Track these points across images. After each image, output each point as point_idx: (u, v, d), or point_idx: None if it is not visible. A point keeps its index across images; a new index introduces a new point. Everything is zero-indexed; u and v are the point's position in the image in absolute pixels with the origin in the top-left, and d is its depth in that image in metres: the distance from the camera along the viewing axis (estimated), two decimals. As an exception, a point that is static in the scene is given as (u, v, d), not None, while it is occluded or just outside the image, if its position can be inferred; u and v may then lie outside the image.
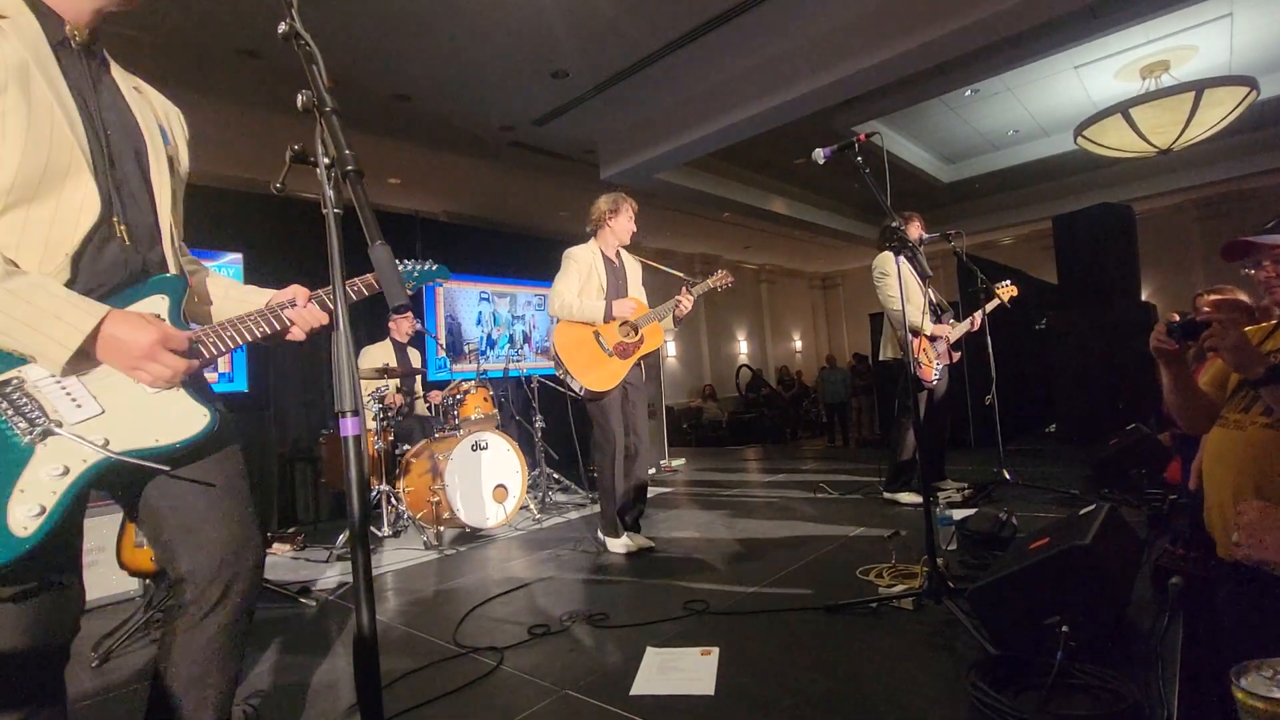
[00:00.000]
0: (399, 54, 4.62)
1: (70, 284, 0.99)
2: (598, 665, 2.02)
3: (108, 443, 0.98)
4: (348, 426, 0.82)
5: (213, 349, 1.12)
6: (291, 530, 4.22)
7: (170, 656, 1.14)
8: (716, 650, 2.02)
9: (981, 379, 4.48)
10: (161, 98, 1.25)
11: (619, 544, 3.30)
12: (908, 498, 3.94)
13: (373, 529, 3.95)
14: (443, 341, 6.16)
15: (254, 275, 4.69)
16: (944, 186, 8.99)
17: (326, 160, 0.84)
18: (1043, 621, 1.69)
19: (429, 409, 4.70)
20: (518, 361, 5.75)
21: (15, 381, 0.95)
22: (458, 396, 4.38)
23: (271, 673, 2.15)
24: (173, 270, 1.15)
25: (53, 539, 0.93)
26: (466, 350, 6.01)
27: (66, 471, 0.95)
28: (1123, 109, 5.88)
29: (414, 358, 4.88)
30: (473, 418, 4.34)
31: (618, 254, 3.55)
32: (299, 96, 0.84)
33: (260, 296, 1.29)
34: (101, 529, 3.10)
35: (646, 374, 6.44)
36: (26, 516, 0.90)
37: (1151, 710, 1.44)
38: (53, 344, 0.92)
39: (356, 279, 1.24)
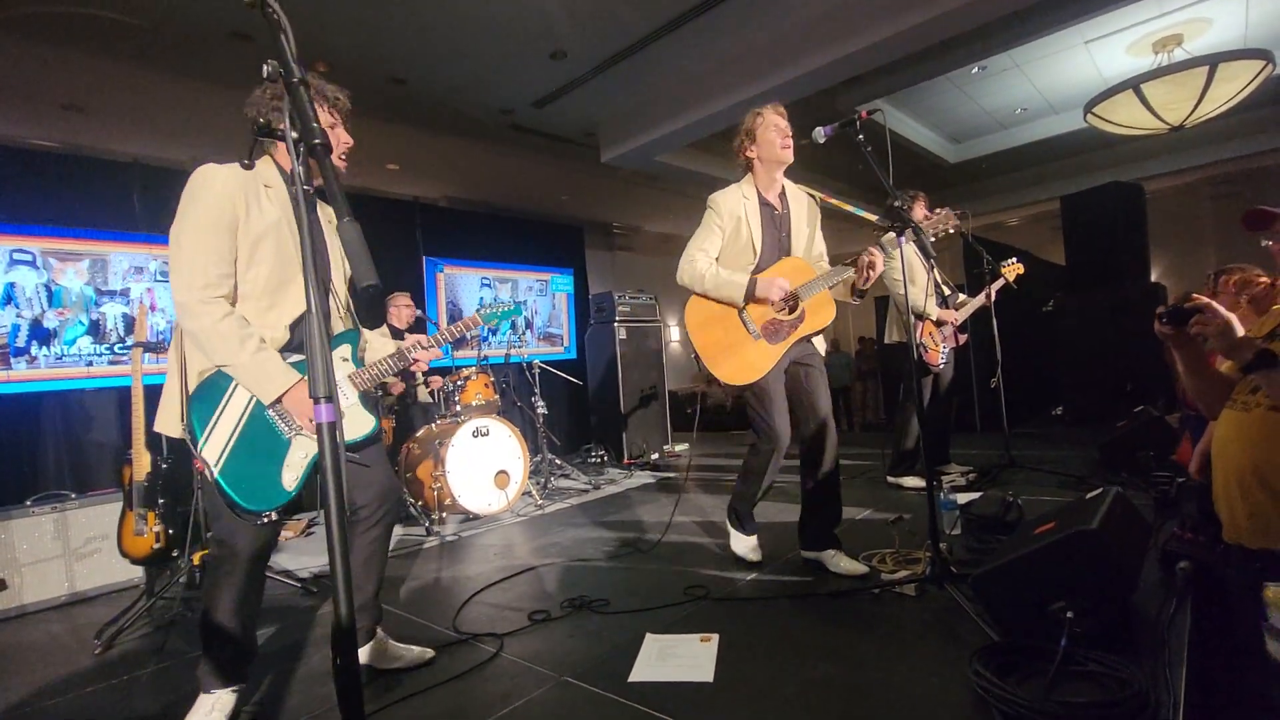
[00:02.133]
0: (394, 36, 4.54)
1: (289, 341, 1.71)
2: (597, 652, 2.01)
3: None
4: (321, 413, 0.79)
5: (367, 382, 1.85)
6: (297, 518, 4.22)
7: (351, 551, 1.65)
8: (716, 637, 2.00)
9: (987, 362, 4.42)
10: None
11: (745, 544, 2.69)
12: (911, 482, 3.90)
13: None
14: (443, 327, 6.12)
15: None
16: (950, 166, 8.85)
17: (294, 134, 0.80)
18: (1048, 607, 1.67)
19: (430, 395, 4.68)
20: (519, 347, 5.70)
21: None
22: (459, 383, 4.36)
23: (273, 659, 2.15)
24: (347, 326, 1.89)
25: (301, 491, 1.68)
26: (468, 336, 5.98)
27: (306, 455, 1.71)
28: (1134, 85, 5.74)
29: (415, 344, 4.84)
30: (474, 404, 4.33)
31: (782, 195, 2.60)
32: (264, 66, 0.80)
33: (390, 345, 2.00)
34: (103, 518, 3.10)
35: (649, 359, 6.45)
36: (290, 479, 1.67)
37: (1158, 697, 1.41)
38: (266, 393, 1.62)
39: (448, 329, 2.06)
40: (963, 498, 3.06)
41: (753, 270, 2.49)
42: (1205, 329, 1.52)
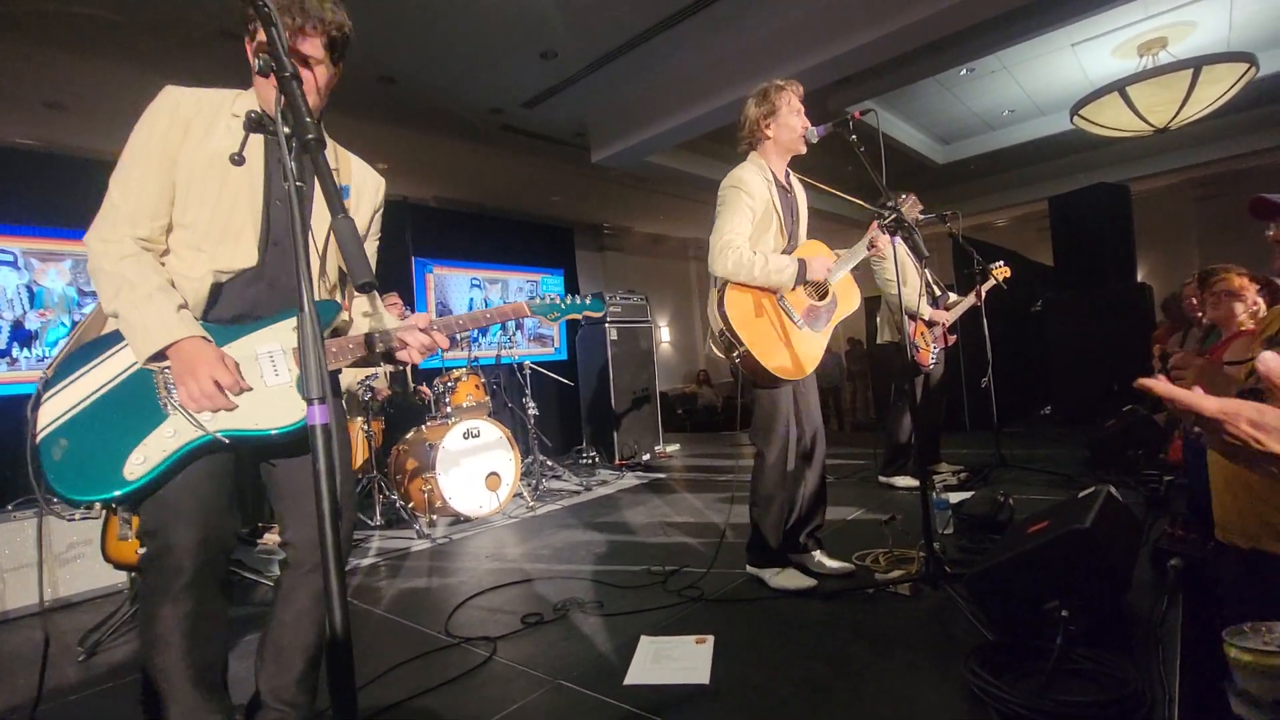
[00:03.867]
0: (383, 35, 4.51)
1: (210, 305, 1.32)
2: (591, 655, 1.99)
3: (210, 420, 1.24)
4: (315, 414, 0.77)
5: (332, 358, 1.36)
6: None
7: (277, 604, 1.43)
8: (711, 638, 1.99)
9: (977, 361, 4.45)
10: (363, 169, 1.60)
11: (785, 579, 2.37)
12: (903, 481, 3.92)
13: (364, 518, 3.91)
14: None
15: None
16: (939, 167, 8.90)
17: (286, 129, 0.79)
18: (1042, 606, 1.67)
19: (419, 400, 4.65)
20: (510, 348, 5.68)
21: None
22: (449, 384, 4.33)
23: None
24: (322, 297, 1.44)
25: (153, 489, 1.21)
26: (458, 338, 5.94)
27: (175, 434, 1.22)
28: (1119, 87, 5.80)
29: (404, 345, 4.80)
30: (465, 405, 4.30)
31: (788, 176, 2.50)
32: (255, 60, 0.78)
33: (393, 321, 1.56)
34: (86, 524, 3.05)
35: (640, 360, 6.44)
36: (136, 465, 1.19)
37: (1153, 695, 1.41)
38: (142, 347, 1.21)
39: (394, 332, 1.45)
40: (955, 497, 3.07)
41: None
42: (1184, 382, 1.54)
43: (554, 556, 3.13)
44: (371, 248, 1.60)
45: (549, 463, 5.18)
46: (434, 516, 3.94)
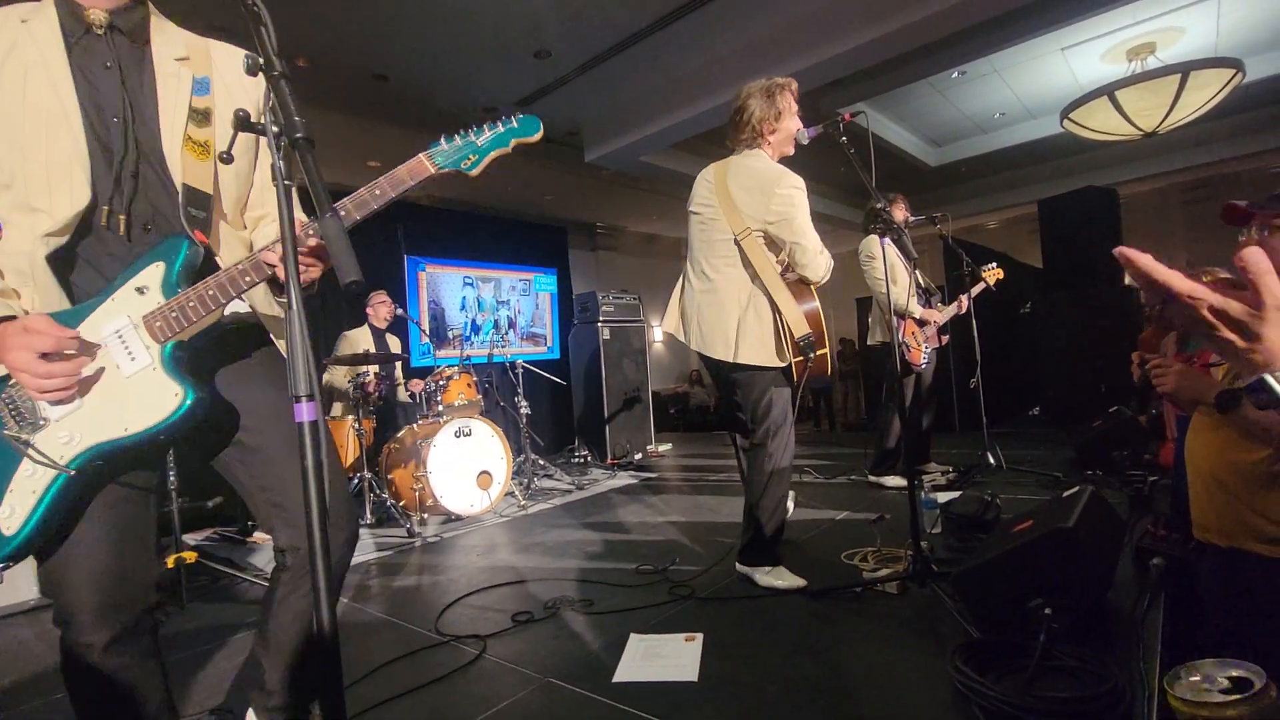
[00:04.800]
0: (376, 32, 4.49)
1: (64, 266, 1.04)
2: (581, 653, 2.00)
3: (70, 442, 0.99)
4: (303, 412, 0.78)
5: (195, 312, 1.04)
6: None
7: (270, 609, 1.23)
8: (700, 636, 2.00)
9: (967, 362, 4.48)
10: (225, 51, 1.21)
11: (776, 577, 2.39)
12: (892, 481, 3.94)
13: (355, 517, 3.90)
14: (426, 327, 6.08)
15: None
16: (930, 169, 8.95)
17: (275, 128, 0.79)
18: (1026, 604, 1.69)
19: (410, 396, 4.64)
20: (502, 347, 5.68)
21: (13, 393, 1.00)
22: (441, 382, 4.32)
23: (247, 664, 2.11)
24: (167, 232, 1.10)
25: (44, 536, 0.98)
26: (450, 336, 5.94)
27: (34, 473, 0.98)
28: (1108, 91, 5.86)
29: (393, 344, 4.81)
30: (456, 404, 4.30)
31: None
32: (244, 59, 0.79)
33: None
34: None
35: (633, 359, 6.45)
36: (3, 518, 0.96)
37: (1133, 692, 1.44)
38: None
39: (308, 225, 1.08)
40: (943, 497, 3.09)
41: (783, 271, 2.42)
42: (1163, 387, 1.56)
43: (545, 555, 3.14)
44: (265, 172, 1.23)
45: (541, 461, 5.19)
46: (425, 515, 3.93)
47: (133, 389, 1.02)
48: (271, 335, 1.23)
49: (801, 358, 2.32)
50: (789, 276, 2.38)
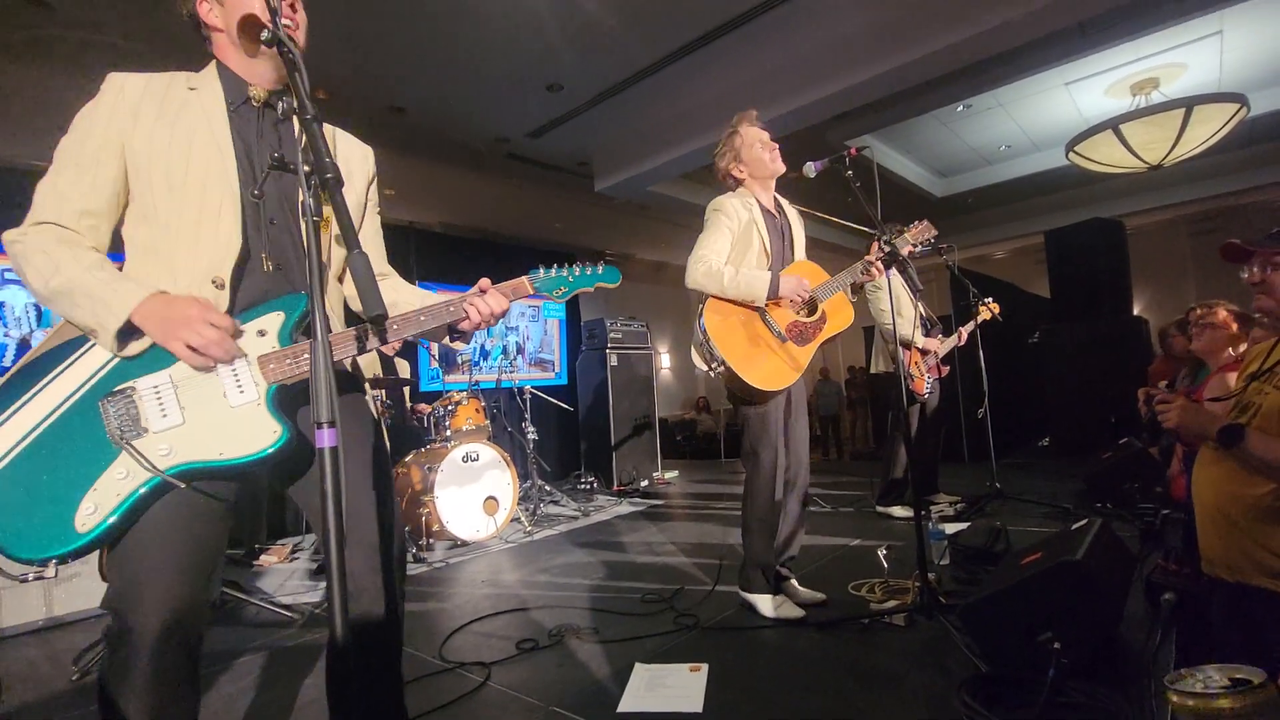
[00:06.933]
0: (395, 66, 4.63)
1: (230, 306, 1.15)
2: (586, 681, 1.99)
3: (168, 454, 1.05)
4: (324, 438, 0.81)
5: (293, 370, 1.14)
6: (281, 543, 4.17)
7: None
8: (706, 666, 1.99)
9: (974, 392, 4.48)
10: (349, 142, 1.39)
11: (769, 604, 2.39)
12: (900, 511, 3.92)
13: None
14: (435, 352, 6.14)
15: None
16: (937, 200, 9.04)
17: (306, 168, 0.83)
18: (1035, 638, 1.68)
19: (416, 421, 4.67)
20: (510, 372, 5.72)
21: (128, 390, 1.06)
22: (450, 407, 4.35)
23: (255, 688, 2.11)
24: (285, 290, 1.22)
25: (113, 537, 1.02)
26: (459, 361, 5.99)
27: (128, 475, 1.03)
28: (1113, 125, 5.93)
29: (402, 368, 4.85)
30: (465, 428, 4.32)
31: (776, 203, 2.57)
32: (279, 104, 0.84)
33: (443, 297, 1.34)
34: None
35: (640, 386, 6.47)
36: (88, 516, 1.00)
37: (1144, 729, 1.42)
38: (108, 317, 1.02)
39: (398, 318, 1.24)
40: (951, 528, 3.07)
41: None
42: (1169, 422, 1.59)
43: (550, 582, 3.13)
44: (374, 224, 1.44)
45: (547, 488, 5.18)
46: (431, 540, 3.93)
47: (235, 419, 1.10)
48: (365, 384, 1.38)
49: (706, 367, 2.37)
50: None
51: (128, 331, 1.04)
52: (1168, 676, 1.16)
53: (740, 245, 2.40)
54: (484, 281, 1.33)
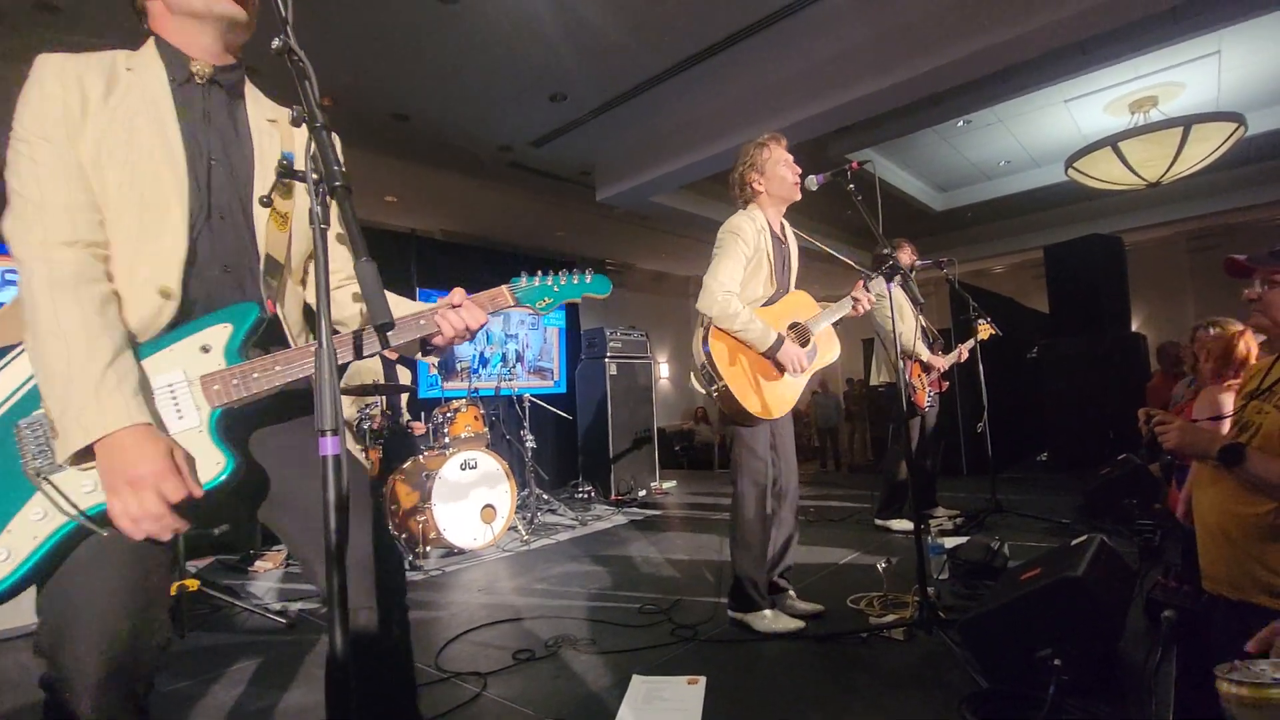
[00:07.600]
0: (399, 74, 4.66)
1: (179, 316, 1.02)
2: (582, 693, 1.98)
3: (94, 491, 0.91)
4: (327, 446, 0.81)
5: (258, 384, 1.02)
6: (276, 549, 4.15)
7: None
8: (704, 679, 1.98)
9: (974, 407, 4.48)
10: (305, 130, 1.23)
11: (766, 621, 2.37)
12: (900, 524, 3.91)
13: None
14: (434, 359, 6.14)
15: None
16: (936, 214, 9.08)
17: (315, 175, 0.84)
18: (1035, 654, 1.67)
19: (408, 431, 4.66)
20: (510, 380, 5.72)
21: (44, 418, 0.92)
22: (448, 414, 4.34)
23: (246, 695, 2.09)
24: (239, 298, 1.08)
25: (36, 580, 0.90)
26: (459, 368, 5.98)
27: (44, 516, 0.89)
28: (1112, 142, 5.97)
29: (402, 375, 4.84)
30: (463, 436, 4.31)
31: (783, 227, 2.62)
32: (289, 111, 0.84)
33: (415, 308, 1.20)
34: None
35: (639, 396, 6.46)
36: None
37: (1145, 748, 1.41)
38: (72, 435, 0.88)
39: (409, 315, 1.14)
40: (950, 542, 3.06)
41: (764, 304, 2.47)
42: (1168, 443, 1.59)
43: (547, 592, 3.12)
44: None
45: (545, 496, 5.17)
46: (427, 548, 3.91)
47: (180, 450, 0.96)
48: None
49: (704, 389, 2.40)
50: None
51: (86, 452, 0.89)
52: (1218, 667, 1.14)
53: (751, 269, 2.45)
54: (458, 292, 1.18)
